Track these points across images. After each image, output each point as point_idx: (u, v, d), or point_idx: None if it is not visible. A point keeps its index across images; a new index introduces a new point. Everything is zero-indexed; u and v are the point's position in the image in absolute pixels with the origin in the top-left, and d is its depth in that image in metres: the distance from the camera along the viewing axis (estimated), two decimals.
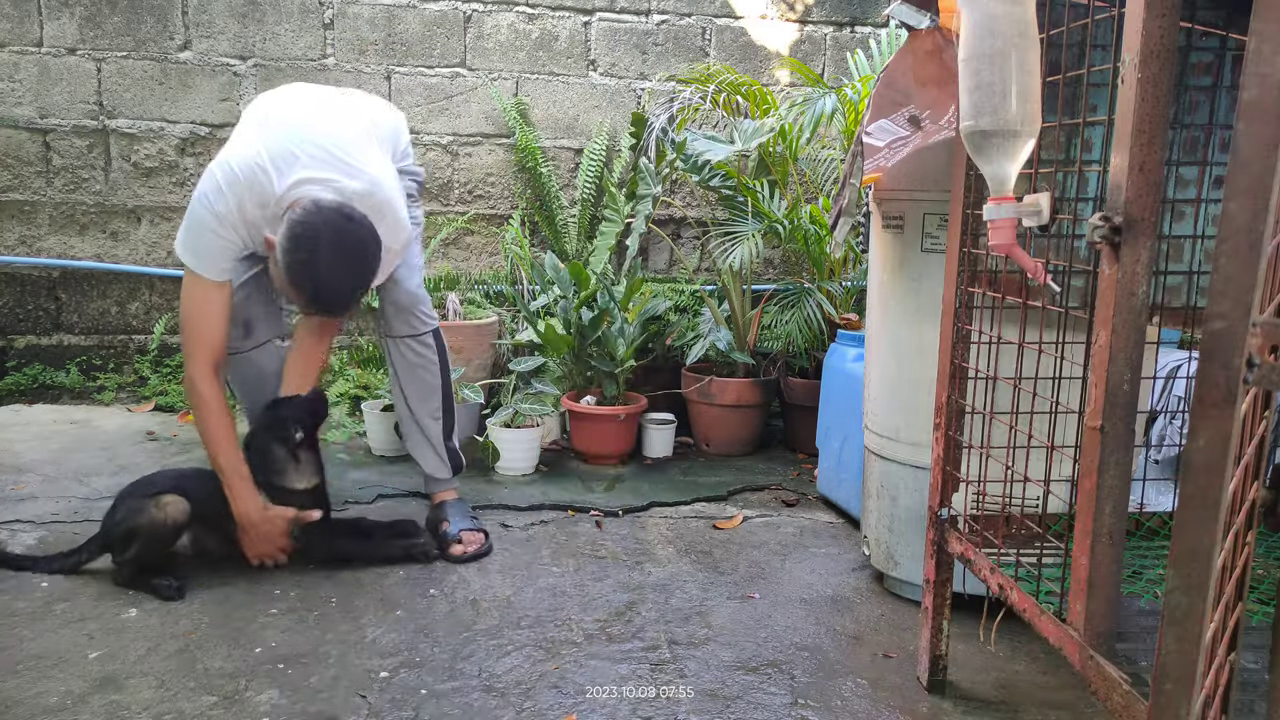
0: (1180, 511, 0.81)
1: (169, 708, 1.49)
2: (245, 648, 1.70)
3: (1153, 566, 1.47)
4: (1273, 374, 0.74)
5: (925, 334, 1.83)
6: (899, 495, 1.94)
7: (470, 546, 2.15)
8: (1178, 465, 2.11)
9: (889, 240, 1.91)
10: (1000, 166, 1.17)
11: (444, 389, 2.29)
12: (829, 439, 2.59)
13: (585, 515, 2.50)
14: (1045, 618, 1.22)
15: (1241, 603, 1.00)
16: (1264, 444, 0.98)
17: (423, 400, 2.26)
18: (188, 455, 2.87)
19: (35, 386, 3.54)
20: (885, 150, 1.82)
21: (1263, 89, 0.73)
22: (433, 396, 2.27)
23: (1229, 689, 0.99)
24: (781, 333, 3.14)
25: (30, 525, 2.25)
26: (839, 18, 3.77)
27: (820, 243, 3.13)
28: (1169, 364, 2.21)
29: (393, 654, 1.70)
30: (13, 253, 3.52)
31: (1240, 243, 0.75)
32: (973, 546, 1.45)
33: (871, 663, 1.73)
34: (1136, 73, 1.00)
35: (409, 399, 2.27)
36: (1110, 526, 1.10)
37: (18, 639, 1.70)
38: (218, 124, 3.54)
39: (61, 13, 3.41)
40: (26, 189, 3.50)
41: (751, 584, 2.08)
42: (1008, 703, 1.60)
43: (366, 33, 3.55)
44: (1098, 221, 1.05)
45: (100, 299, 3.61)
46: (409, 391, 2.26)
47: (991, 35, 1.14)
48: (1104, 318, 1.07)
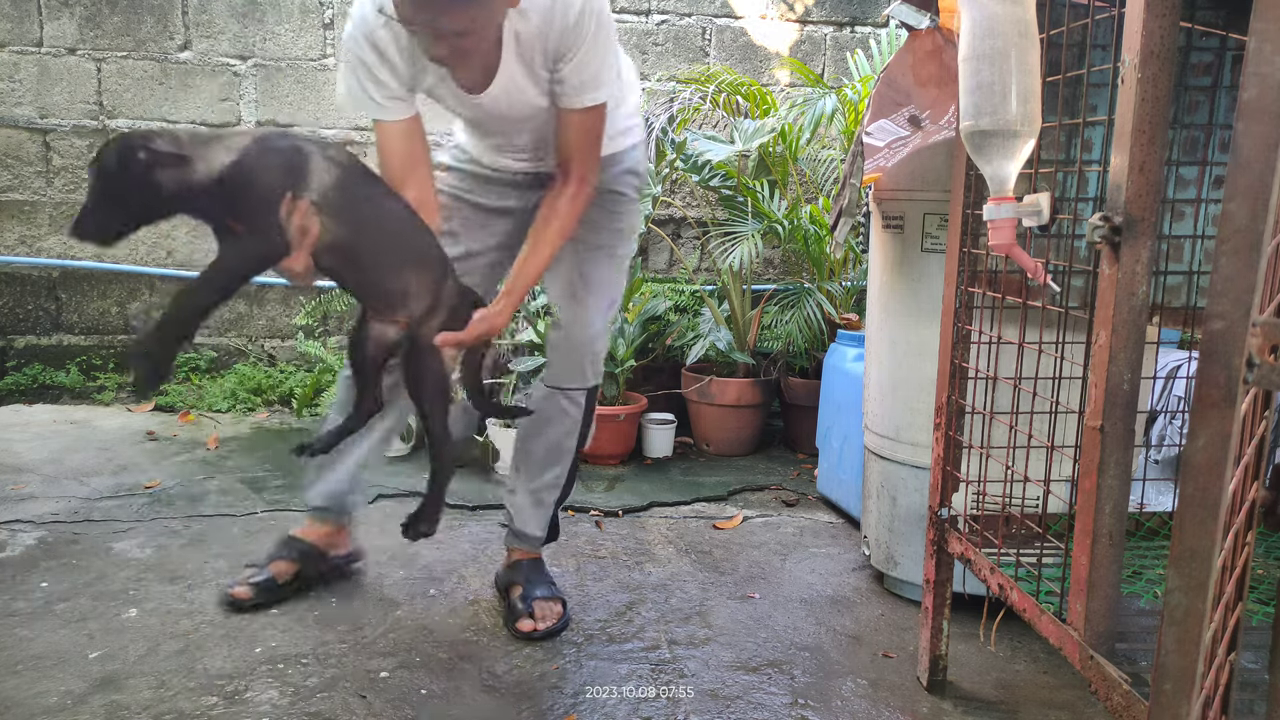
0: (1180, 511, 0.81)
1: (169, 708, 1.49)
2: (245, 648, 1.70)
3: (1153, 566, 1.47)
4: (1273, 374, 0.74)
5: (925, 334, 1.83)
6: (899, 495, 1.94)
7: (543, 623, 1.78)
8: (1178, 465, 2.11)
9: (889, 240, 1.91)
10: (1000, 166, 1.17)
11: (575, 457, 1.91)
12: (829, 439, 2.59)
13: (585, 515, 2.49)
14: (1045, 618, 1.22)
15: (1241, 603, 1.00)
16: (1264, 444, 0.98)
17: (546, 464, 1.89)
18: (188, 455, 2.87)
19: (35, 386, 3.54)
20: (885, 150, 1.82)
21: (1263, 89, 0.73)
22: (560, 462, 1.89)
23: (1229, 689, 0.99)
24: (781, 333, 3.14)
25: (30, 525, 2.25)
26: (839, 18, 3.77)
27: (820, 243, 3.13)
28: (1169, 364, 2.21)
29: (393, 654, 1.70)
30: (13, 253, 3.52)
31: (1240, 243, 0.75)
32: (973, 546, 1.45)
33: (871, 663, 1.73)
34: (1136, 73, 1.00)
35: (528, 456, 1.91)
36: (1110, 526, 1.10)
37: (18, 639, 1.70)
38: (218, 124, 3.54)
39: (61, 13, 3.41)
40: (26, 189, 3.50)
41: (751, 584, 2.08)
42: (1008, 703, 1.60)
43: None
44: (1098, 221, 1.05)
45: (100, 299, 3.61)
46: (532, 446, 1.90)
47: (991, 35, 1.14)
48: (1104, 318, 1.07)
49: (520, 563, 1.92)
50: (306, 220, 1.37)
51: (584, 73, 1.55)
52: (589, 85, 1.57)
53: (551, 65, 1.56)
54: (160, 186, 1.31)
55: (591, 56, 1.54)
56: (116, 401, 3.52)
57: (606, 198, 1.79)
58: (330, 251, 1.43)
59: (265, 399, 3.53)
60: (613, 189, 1.80)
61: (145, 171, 1.30)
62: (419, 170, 1.64)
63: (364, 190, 1.46)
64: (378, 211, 1.48)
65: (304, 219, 1.37)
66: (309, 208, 1.38)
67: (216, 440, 3.04)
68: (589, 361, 1.83)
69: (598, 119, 1.63)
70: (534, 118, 1.66)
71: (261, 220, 1.36)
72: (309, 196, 1.38)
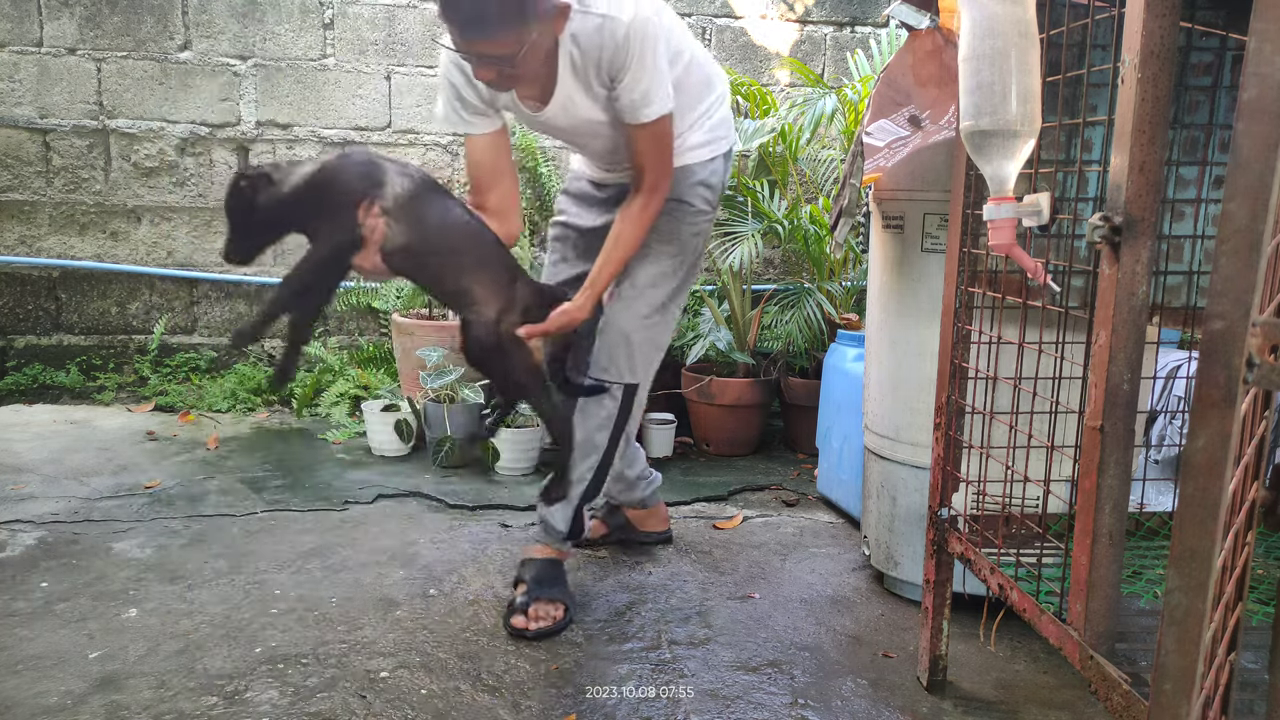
0: (1180, 511, 0.81)
1: (169, 708, 1.49)
2: (245, 648, 1.70)
3: (1153, 566, 1.47)
4: (1273, 374, 0.74)
5: (925, 334, 1.83)
6: (899, 495, 1.94)
7: (535, 624, 1.80)
8: (1178, 465, 2.11)
9: (889, 240, 1.91)
10: (1000, 166, 1.17)
11: (606, 454, 1.93)
12: (829, 439, 2.59)
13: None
14: (1045, 618, 1.22)
15: (1241, 603, 1.00)
16: (1264, 444, 0.98)
17: (578, 456, 1.91)
18: (188, 455, 2.87)
19: (35, 386, 3.54)
20: (885, 150, 1.82)
21: (1263, 89, 0.73)
22: (589, 456, 1.92)
23: (1229, 689, 0.99)
24: (781, 333, 3.14)
25: (30, 525, 2.25)
26: (839, 18, 3.77)
27: (820, 243, 3.13)
28: (1169, 364, 2.21)
29: (392, 654, 1.70)
30: (13, 253, 3.52)
31: (1240, 243, 0.75)
32: (973, 546, 1.45)
33: (871, 663, 1.73)
34: (1136, 73, 1.00)
35: None
36: (1110, 526, 1.10)
37: (18, 639, 1.70)
38: (218, 124, 3.54)
39: (61, 13, 3.41)
40: (26, 189, 3.50)
41: (751, 584, 2.08)
42: (1008, 703, 1.60)
43: (366, 33, 3.55)
44: (1098, 221, 1.05)
45: (100, 299, 3.61)
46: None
47: (991, 35, 1.14)
48: (1104, 318, 1.07)
49: (535, 560, 1.93)
50: (375, 222, 1.57)
51: (635, 91, 1.66)
52: (641, 103, 1.67)
53: (608, 84, 1.67)
54: (264, 206, 1.56)
55: (641, 76, 1.64)
56: (116, 401, 3.52)
57: (674, 206, 1.87)
58: (400, 254, 1.61)
59: (265, 399, 3.53)
60: (682, 198, 1.88)
61: (251, 195, 1.55)
62: (502, 179, 1.82)
63: (433, 202, 1.63)
64: (444, 221, 1.64)
65: (373, 220, 1.57)
66: (378, 212, 1.57)
67: (216, 440, 3.04)
68: (624, 356, 1.88)
69: (661, 131, 1.72)
70: (597, 132, 1.79)
71: (337, 216, 1.56)
72: (381, 203, 1.58)
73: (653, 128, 1.70)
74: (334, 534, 2.28)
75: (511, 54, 1.52)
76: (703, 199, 1.90)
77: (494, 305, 1.68)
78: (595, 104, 1.72)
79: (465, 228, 1.67)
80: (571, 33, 1.61)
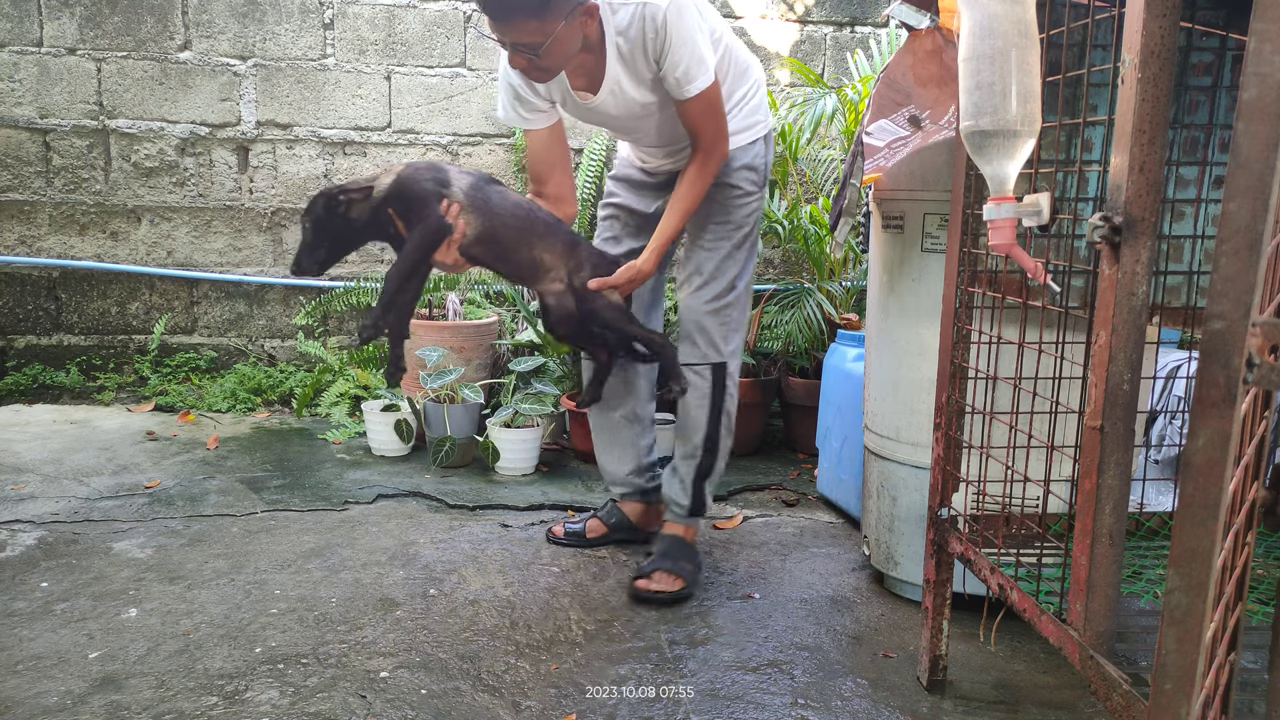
0: (1180, 511, 0.81)
1: (169, 708, 1.49)
2: (245, 648, 1.70)
3: (1153, 566, 1.47)
4: (1273, 374, 0.74)
5: (925, 334, 1.83)
6: (899, 495, 1.94)
7: (656, 584, 1.96)
8: (1178, 465, 2.11)
9: (889, 240, 1.91)
10: (1000, 166, 1.17)
11: (709, 429, 2.06)
12: (829, 439, 2.59)
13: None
14: (1045, 618, 1.22)
15: (1241, 603, 1.00)
16: (1264, 444, 0.98)
17: (686, 433, 2.08)
18: (188, 455, 2.87)
19: (35, 386, 3.54)
20: (885, 150, 1.82)
21: (1263, 89, 0.73)
22: (694, 433, 2.07)
23: (1229, 689, 0.99)
24: (781, 333, 3.14)
25: (30, 525, 2.25)
26: (839, 18, 3.77)
27: (820, 243, 3.13)
28: (1169, 364, 2.21)
29: (392, 654, 1.70)
30: (13, 253, 3.52)
31: (1240, 243, 0.75)
32: (973, 546, 1.45)
33: (871, 663, 1.73)
34: (1136, 73, 1.00)
35: (678, 423, 2.12)
36: (1110, 526, 1.10)
37: (18, 639, 1.70)
38: (218, 124, 3.54)
39: (61, 13, 3.41)
40: (26, 189, 3.50)
41: (751, 584, 2.08)
42: (1008, 703, 1.60)
43: (366, 33, 3.55)
44: (1098, 221, 1.05)
45: (100, 299, 3.61)
46: (679, 413, 2.11)
47: (991, 35, 1.14)
48: (1104, 318, 1.07)
49: (664, 535, 2.11)
50: (457, 221, 1.77)
51: (678, 70, 1.78)
52: (685, 79, 1.78)
53: (655, 66, 1.80)
54: (355, 219, 1.78)
55: (681, 55, 1.76)
56: (116, 401, 3.52)
57: (722, 190, 1.99)
58: (476, 243, 1.82)
59: (265, 399, 3.53)
60: (729, 182, 1.99)
61: (346, 210, 1.77)
62: (558, 170, 2.00)
63: (492, 190, 1.84)
64: (504, 204, 1.84)
65: (453, 218, 1.77)
66: (457, 211, 1.77)
67: (216, 440, 3.04)
68: (701, 338, 2.04)
69: (709, 99, 1.83)
70: (647, 115, 1.91)
71: (425, 211, 1.76)
72: (456, 197, 1.78)
73: (700, 99, 1.81)
74: (334, 534, 2.28)
75: (537, 43, 1.65)
76: (749, 180, 2.02)
77: (563, 268, 1.87)
78: (643, 86, 1.84)
79: (524, 205, 1.88)
80: (616, 27, 1.76)
